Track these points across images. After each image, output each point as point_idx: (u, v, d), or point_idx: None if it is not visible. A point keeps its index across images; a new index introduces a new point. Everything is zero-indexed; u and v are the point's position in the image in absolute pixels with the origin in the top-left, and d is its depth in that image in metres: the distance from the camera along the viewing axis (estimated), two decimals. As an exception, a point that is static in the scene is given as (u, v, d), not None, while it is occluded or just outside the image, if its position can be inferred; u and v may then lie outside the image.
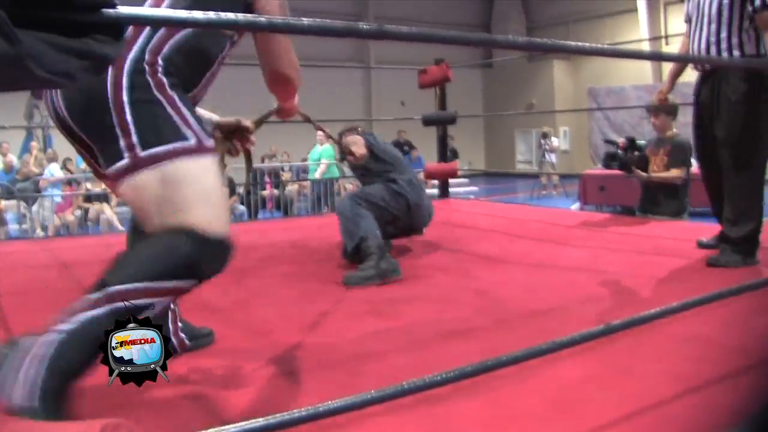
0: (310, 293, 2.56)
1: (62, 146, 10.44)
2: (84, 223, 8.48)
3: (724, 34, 2.82)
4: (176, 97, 1.38)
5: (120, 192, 1.40)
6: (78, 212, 8.70)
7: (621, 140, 4.25)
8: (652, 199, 4.25)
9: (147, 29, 1.40)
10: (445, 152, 5.68)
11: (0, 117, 10.32)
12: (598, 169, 11.82)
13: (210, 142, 1.41)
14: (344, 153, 3.24)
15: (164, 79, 1.38)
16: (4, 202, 8.15)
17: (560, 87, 18.33)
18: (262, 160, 11.13)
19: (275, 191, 10.18)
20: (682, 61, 2.98)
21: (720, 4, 2.82)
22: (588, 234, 3.80)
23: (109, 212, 8.55)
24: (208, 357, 1.81)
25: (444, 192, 5.68)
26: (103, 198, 8.47)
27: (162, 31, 1.40)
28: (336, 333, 2.02)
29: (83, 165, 10.02)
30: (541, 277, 2.79)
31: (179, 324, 1.82)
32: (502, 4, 19.93)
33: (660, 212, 4.20)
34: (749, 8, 2.75)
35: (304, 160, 11.07)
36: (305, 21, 1.26)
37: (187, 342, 1.82)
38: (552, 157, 14.45)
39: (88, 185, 8.69)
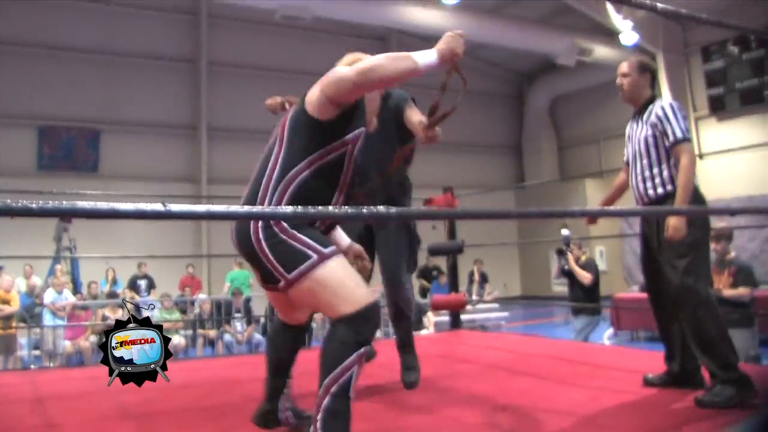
0: None
1: (88, 269, 10.54)
2: (99, 350, 8.13)
3: (656, 170, 2.93)
4: (296, 233, 2.04)
5: (290, 297, 2.14)
6: (93, 338, 8.12)
7: None
8: None
9: (267, 198, 2.11)
10: (456, 282, 5.60)
11: (31, 241, 10.43)
12: (631, 292, 11.49)
13: (329, 249, 2.04)
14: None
15: (284, 224, 2.05)
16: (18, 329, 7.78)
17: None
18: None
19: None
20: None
21: (647, 143, 2.97)
22: (593, 371, 3.61)
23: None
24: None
25: (455, 323, 5.53)
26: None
27: (277, 196, 2.09)
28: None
29: (106, 289, 9.88)
30: (527, 426, 2.63)
31: (287, 404, 2.42)
32: (532, 124, 20.13)
33: None
34: (667, 144, 2.90)
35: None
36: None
37: (292, 420, 2.41)
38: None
39: (106, 312, 8.31)
